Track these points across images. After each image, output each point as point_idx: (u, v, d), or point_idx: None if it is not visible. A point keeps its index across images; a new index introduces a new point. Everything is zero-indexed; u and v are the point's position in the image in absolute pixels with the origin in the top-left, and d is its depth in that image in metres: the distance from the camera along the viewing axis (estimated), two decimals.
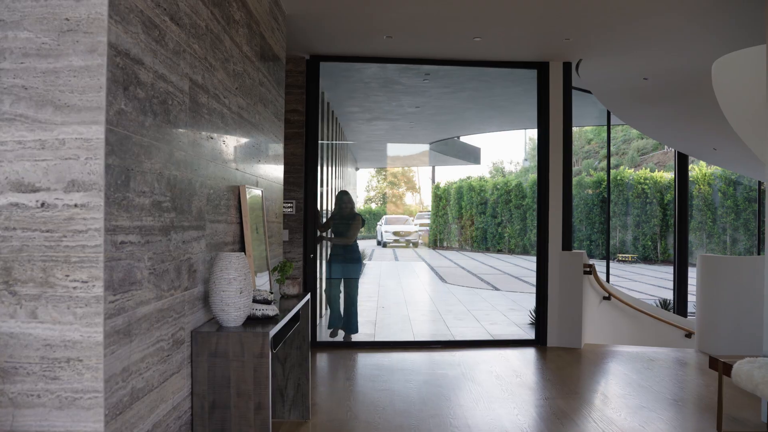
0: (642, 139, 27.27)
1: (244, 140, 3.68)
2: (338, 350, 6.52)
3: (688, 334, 8.28)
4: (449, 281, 15.05)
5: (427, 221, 38.39)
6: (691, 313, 9.80)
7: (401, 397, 4.73)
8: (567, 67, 6.71)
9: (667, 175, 21.93)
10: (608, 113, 9.05)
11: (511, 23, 5.49)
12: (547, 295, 6.76)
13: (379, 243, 33.38)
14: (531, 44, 6.15)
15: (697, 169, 20.79)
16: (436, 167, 44.77)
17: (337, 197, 7.48)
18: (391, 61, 6.81)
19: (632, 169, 22.82)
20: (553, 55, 6.50)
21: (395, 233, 32.72)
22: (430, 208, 50.67)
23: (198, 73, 2.75)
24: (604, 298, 7.96)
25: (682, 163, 9.12)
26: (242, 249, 3.57)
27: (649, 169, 23.74)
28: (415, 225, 34.91)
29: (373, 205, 50.53)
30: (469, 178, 34.83)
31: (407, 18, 5.36)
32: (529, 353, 6.43)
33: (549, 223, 6.77)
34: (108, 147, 1.88)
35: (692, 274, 10.12)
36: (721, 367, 3.99)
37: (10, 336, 1.85)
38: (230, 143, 3.35)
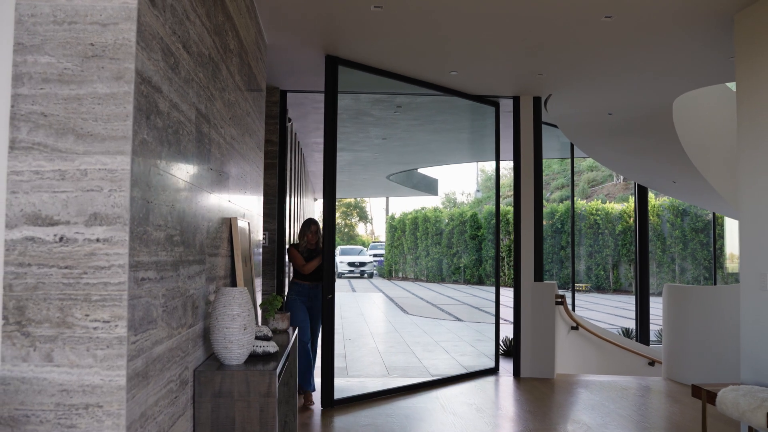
0: (592, 171, 28.16)
1: (235, 171, 3.59)
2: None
3: (651, 362, 8.46)
4: (410, 312, 15.00)
5: (381, 251, 38.45)
6: (653, 341, 10.04)
7: None
8: (537, 101, 6.88)
9: (618, 206, 22.67)
10: (572, 147, 9.30)
11: (489, 58, 5.61)
12: (520, 326, 6.79)
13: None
14: (505, 79, 6.28)
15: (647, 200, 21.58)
16: (390, 198, 44.99)
17: (304, 226, 5.89)
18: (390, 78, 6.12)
19: (584, 201, 23.48)
20: (525, 90, 6.66)
21: (350, 264, 32.65)
22: (380, 239, 50.70)
23: (202, 102, 2.67)
24: (572, 328, 8.07)
25: (642, 195, 9.41)
26: (233, 283, 3.45)
27: (600, 201, 24.49)
28: (370, 256, 34.88)
29: None
30: (423, 209, 35.16)
31: (388, 51, 5.40)
32: (505, 384, 6.42)
33: (521, 255, 6.84)
34: (132, 179, 1.78)
35: (651, 303, 10.40)
36: (704, 395, 4.06)
37: (21, 381, 1.71)
38: (225, 174, 3.27)
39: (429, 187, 20.92)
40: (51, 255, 1.73)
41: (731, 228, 14.86)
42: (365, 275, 32.78)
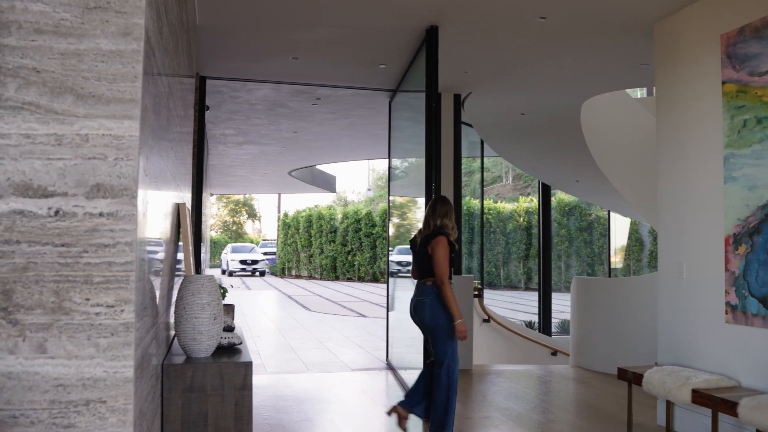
0: (480, 172, 29.42)
1: (180, 155, 3.36)
2: None
3: (554, 353, 8.93)
4: (313, 309, 14.85)
5: (272, 249, 37.80)
6: (554, 332, 10.61)
7: (326, 430, 4.53)
8: (457, 99, 7.04)
9: (509, 206, 23.77)
10: (482, 146, 9.61)
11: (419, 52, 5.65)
12: None
13: (224, 272, 32.19)
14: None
15: (536, 200, 22.82)
16: (281, 195, 44.29)
17: (449, 204, 4.10)
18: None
19: (476, 200, 24.40)
20: (448, 87, 6.78)
21: (242, 261, 31.84)
22: (269, 237, 49.60)
23: (170, 74, 2.47)
24: (484, 320, 8.35)
25: (545, 194, 9.91)
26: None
27: (491, 200, 25.55)
28: (261, 254, 34.20)
29: (213, 233, 48.60)
30: (316, 206, 34.91)
31: (316, 40, 5.29)
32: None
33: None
34: (139, 146, 1.60)
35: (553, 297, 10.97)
36: (631, 376, 4.33)
37: (8, 377, 1.48)
38: (178, 156, 3.05)
39: (328, 184, 20.84)
40: (44, 231, 1.51)
41: (615, 227, 16.05)
42: (257, 273, 32.13)
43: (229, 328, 2.88)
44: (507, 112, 7.68)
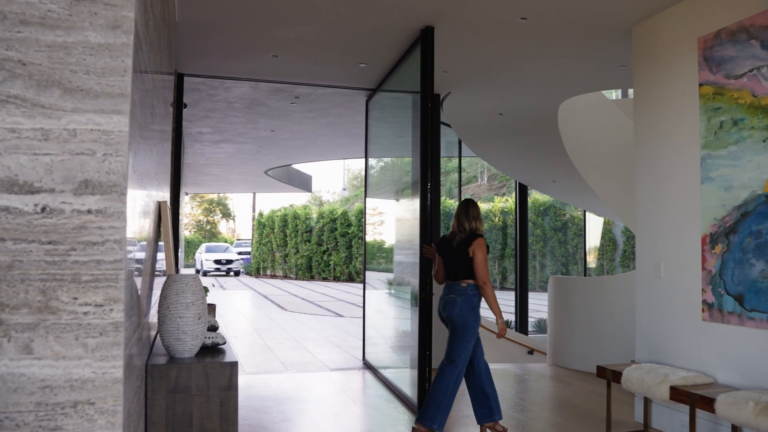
0: (456, 172, 29.54)
1: (161, 152, 3.31)
2: None
3: (531, 351, 9.02)
4: (289, 309, 14.76)
5: (246, 249, 37.51)
6: (531, 331, 10.70)
7: (307, 430, 4.50)
8: (436, 99, 7.05)
9: (485, 206, 23.92)
10: (460, 146, 9.65)
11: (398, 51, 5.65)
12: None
13: (198, 272, 31.85)
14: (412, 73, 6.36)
15: (511, 200, 22.99)
16: (256, 195, 43.98)
17: (479, 210, 4.48)
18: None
19: (452, 200, 24.51)
20: None
21: (216, 261, 31.55)
22: (243, 237, 49.14)
23: (155, 70, 2.43)
24: None
25: (522, 194, 9.98)
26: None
27: None
28: (236, 253, 33.91)
29: (187, 233, 47.95)
30: (292, 206, 34.71)
31: (296, 38, 5.25)
32: (406, 376, 6.50)
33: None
34: (129, 142, 1.57)
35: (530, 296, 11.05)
36: (609, 374, 4.39)
37: None
38: (159, 154, 3.00)
39: (304, 183, 20.74)
40: (31, 228, 1.47)
41: (588, 227, 16.24)
42: (231, 273, 31.87)
43: (213, 328, 2.84)
44: (485, 113, 7.73)
